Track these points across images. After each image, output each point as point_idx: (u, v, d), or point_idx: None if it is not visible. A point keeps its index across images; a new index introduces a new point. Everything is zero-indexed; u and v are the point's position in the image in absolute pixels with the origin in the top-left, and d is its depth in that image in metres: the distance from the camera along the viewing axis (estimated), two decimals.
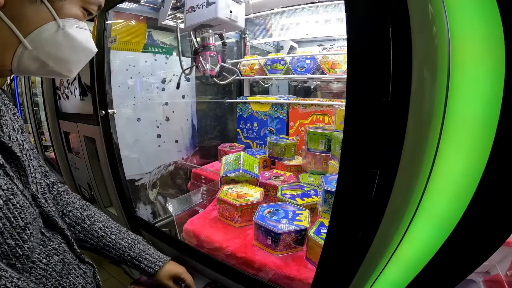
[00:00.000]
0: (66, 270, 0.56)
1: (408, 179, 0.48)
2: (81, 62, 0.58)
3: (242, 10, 1.09)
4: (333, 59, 1.32)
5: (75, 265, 0.59)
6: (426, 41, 0.43)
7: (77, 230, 0.70)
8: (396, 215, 0.54)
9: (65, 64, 0.54)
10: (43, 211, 0.54)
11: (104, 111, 1.21)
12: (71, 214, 0.70)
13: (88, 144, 1.54)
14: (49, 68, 0.52)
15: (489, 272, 0.77)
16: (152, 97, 1.47)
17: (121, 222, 1.54)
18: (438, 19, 0.43)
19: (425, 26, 0.43)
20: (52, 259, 0.53)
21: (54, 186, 0.70)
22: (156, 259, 0.78)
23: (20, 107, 3.36)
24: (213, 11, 0.98)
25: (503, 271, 0.73)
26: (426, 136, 0.44)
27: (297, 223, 0.89)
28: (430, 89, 0.42)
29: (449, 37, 0.42)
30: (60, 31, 0.50)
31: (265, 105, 1.65)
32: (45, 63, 0.51)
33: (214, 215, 1.13)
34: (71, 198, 0.74)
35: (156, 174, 1.58)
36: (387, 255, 0.61)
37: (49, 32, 0.49)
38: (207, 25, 1.08)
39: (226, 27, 1.11)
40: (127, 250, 0.74)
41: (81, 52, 0.56)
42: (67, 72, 0.56)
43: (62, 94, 1.72)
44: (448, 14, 0.42)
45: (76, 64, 0.57)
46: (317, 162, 1.26)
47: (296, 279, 0.82)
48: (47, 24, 0.49)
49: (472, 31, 0.41)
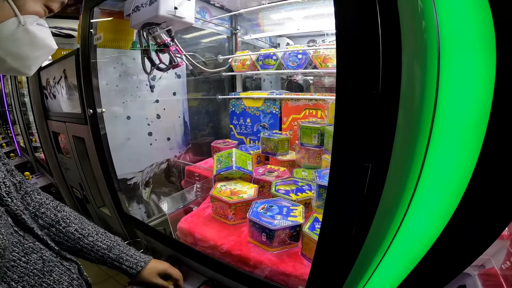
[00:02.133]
0: (48, 267, 0.55)
1: (400, 172, 0.48)
2: (40, 58, 0.57)
3: (192, 6, 1.06)
4: (325, 53, 1.31)
5: (57, 262, 0.58)
6: (414, 30, 0.42)
7: (51, 232, 0.67)
8: (390, 209, 0.54)
9: (23, 61, 0.54)
10: (10, 209, 0.53)
11: (91, 109, 1.18)
12: (44, 216, 0.67)
13: (77, 144, 1.51)
14: (6, 65, 0.52)
15: (484, 266, 0.77)
16: (142, 94, 1.45)
17: (114, 222, 1.53)
18: (427, 12, 0.42)
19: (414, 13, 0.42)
20: (31, 257, 0.52)
21: (22, 186, 0.66)
22: (137, 259, 0.75)
23: (8, 108, 3.29)
24: (154, 9, 0.97)
25: (498, 264, 0.73)
26: (417, 128, 0.43)
27: (292, 219, 0.88)
28: (420, 80, 0.42)
29: (438, 24, 0.42)
30: (21, 27, 0.50)
31: (257, 100, 1.64)
32: (3, 60, 0.51)
33: (208, 212, 1.12)
34: (43, 198, 0.70)
35: (148, 172, 1.56)
36: (382, 249, 0.60)
37: (9, 28, 0.49)
38: (153, 24, 1.05)
39: (172, 24, 1.08)
40: (106, 252, 0.72)
41: (41, 49, 0.56)
42: (25, 69, 0.55)
43: (49, 94, 1.67)
44: (437, 7, 0.42)
45: (35, 61, 0.57)
46: (310, 157, 1.26)
47: (292, 275, 0.81)
48: (8, 21, 0.49)
49: (463, 25, 0.40)
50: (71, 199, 2.07)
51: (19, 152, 3.33)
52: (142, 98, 1.45)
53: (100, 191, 1.51)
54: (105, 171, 1.30)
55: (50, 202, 0.71)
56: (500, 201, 0.40)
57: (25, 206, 0.65)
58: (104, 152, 1.26)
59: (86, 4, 1.18)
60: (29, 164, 2.86)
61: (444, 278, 0.52)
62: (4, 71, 0.54)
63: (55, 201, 0.74)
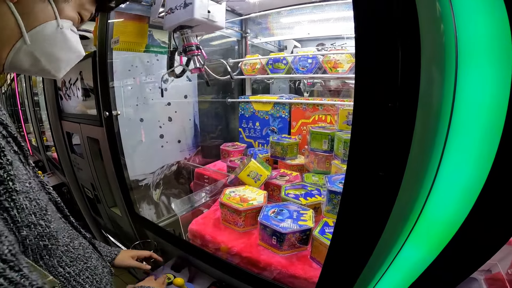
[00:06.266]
0: (87, 253, 0.60)
1: (414, 182, 0.49)
2: (71, 62, 0.61)
3: (223, 10, 1.08)
4: (335, 58, 1.32)
5: (92, 250, 0.63)
6: (434, 40, 0.43)
7: None
8: (402, 217, 0.55)
9: (56, 62, 0.57)
10: (52, 197, 0.57)
11: (107, 112, 1.22)
12: None
13: (91, 144, 1.55)
14: (40, 65, 0.55)
15: (490, 270, 0.77)
16: (155, 97, 1.48)
17: (125, 222, 1.56)
18: (445, 18, 0.43)
19: (434, 25, 0.43)
20: (75, 243, 0.57)
21: None
22: (109, 249, 0.82)
23: (20, 107, 3.36)
24: (189, 12, 0.98)
25: (505, 269, 0.73)
26: (432, 140, 0.45)
27: (302, 223, 0.90)
28: (437, 93, 0.43)
29: (456, 35, 0.43)
30: (59, 30, 0.54)
31: (267, 104, 1.65)
32: (38, 60, 0.54)
33: (218, 215, 1.14)
34: None
35: (159, 174, 1.59)
36: (391, 255, 0.62)
37: (50, 30, 0.53)
38: (186, 26, 1.08)
39: (205, 28, 1.11)
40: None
41: (73, 53, 0.60)
42: (56, 71, 0.58)
43: (64, 95, 1.72)
44: (455, 13, 0.42)
45: (66, 64, 0.60)
46: (319, 162, 1.27)
47: (301, 278, 0.83)
48: (49, 22, 0.52)
49: (479, 31, 0.41)
50: (82, 199, 2.11)
51: (30, 150, 3.40)
52: (155, 100, 1.49)
53: (112, 192, 1.55)
54: (118, 172, 1.33)
55: None
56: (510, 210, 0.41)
57: None
58: (117, 154, 1.29)
59: None
60: (40, 163, 2.92)
61: (451, 283, 0.52)
62: (36, 71, 0.57)
63: None
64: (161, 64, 1.50)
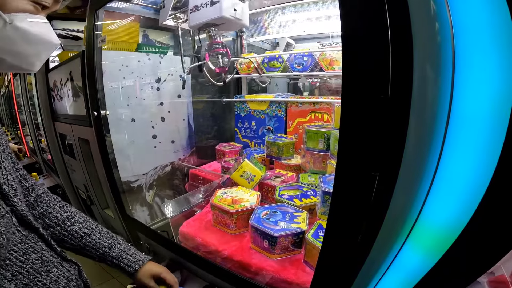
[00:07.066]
0: (46, 267, 0.58)
1: (410, 182, 0.45)
2: (42, 54, 0.58)
3: (246, 8, 1.09)
4: (331, 56, 1.28)
5: (56, 263, 0.61)
6: (427, 33, 0.40)
7: (57, 231, 0.71)
8: (398, 219, 0.51)
9: (23, 58, 0.55)
10: (16, 210, 0.55)
11: (96, 112, 1.19)
12: (51, 216, 0.71)
13: (82, 145, 1.52)
14: (7, 63, 0.52)
15: (493, 273, 0.75)
16: (147, 97, 1.45)
17: (118, 224, 1.53)
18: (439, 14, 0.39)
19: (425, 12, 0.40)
20: (29, 257, 0.55)
21: (33, 189, 0.70)
22: (136, 258, 0.77)
23: (18, 109, 3.35)
24: (217, 10, 0.99)
25: (508, 272, 0.71)
26: (429, 136, 0.41)
27: (295, 226, 0.86)
28: (433, 84, 0.39)
29: (452, 26, 0.39)
30: (8, 25, 0.50)
31: (263, 103, 1.62)
32: (3, 59, 0.52)
33: (210, 217, 1.10)
34: (51, 200, 0.74)
35: (152, 175, 1.55)
36: (388, 259, 0.58)
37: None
38: (212, 24, 1.09)
39: (230, 26, 1.12)
40: (107, 250, 0.75)
41: (39, 45, 0.56)
42: (28, 65, 0.56)
43: (56, 96, 1.69)
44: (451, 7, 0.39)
45: (37, 57, 0.57)
46: (316, 162, 1.23)
47: (294, 283, 0.79)
48: None
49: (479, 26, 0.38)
50: (76, 200, 2.08)
51: (28, 153, 3.38)
52: (147, 100, 1.45)
53: (104, 193, 1.52)
54: (109, 173, 1.30)
55: (57, 203, 0.75)
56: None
57: (35, 207, 0.69)
58: (107, 155, 1.26)
59: (91, 6, 1.18)
60: (37, 165, 2.90)
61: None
62: (7, 69, 0.55)
63: (62, 202, 0.78)
64: (154, 63, 1.48)
